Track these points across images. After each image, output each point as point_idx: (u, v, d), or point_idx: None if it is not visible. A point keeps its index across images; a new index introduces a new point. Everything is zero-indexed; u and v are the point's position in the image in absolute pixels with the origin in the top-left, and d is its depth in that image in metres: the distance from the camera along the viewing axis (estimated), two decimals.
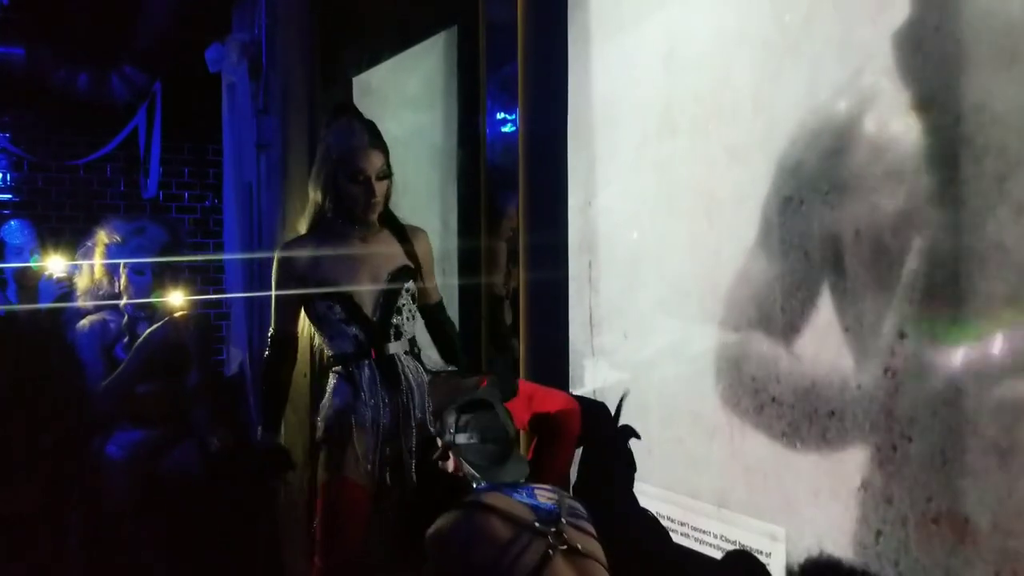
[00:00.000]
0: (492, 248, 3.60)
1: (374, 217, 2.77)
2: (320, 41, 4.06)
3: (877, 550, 1.76)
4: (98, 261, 3.69)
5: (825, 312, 1.86)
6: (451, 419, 2.33)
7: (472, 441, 2.30)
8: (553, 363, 2.78)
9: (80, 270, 3.78)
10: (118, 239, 3.73)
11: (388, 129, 3.09)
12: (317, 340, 2.87)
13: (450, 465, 2.31)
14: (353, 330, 2.70)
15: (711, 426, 2.18)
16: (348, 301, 2.69)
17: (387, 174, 2.75)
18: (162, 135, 5.22)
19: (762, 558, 2.04)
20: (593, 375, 2.68)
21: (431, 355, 2.94)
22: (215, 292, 5.36)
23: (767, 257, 2.01)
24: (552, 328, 2.78)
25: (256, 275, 4.28)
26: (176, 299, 3.74)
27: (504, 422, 2.32)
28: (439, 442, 2.33)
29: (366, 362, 2.69)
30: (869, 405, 1.76)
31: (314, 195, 2.77)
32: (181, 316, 3.73)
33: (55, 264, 3.78)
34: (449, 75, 4.00)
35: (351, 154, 2.69)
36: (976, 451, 1.56)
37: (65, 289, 3.77)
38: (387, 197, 2.80)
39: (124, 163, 5.42)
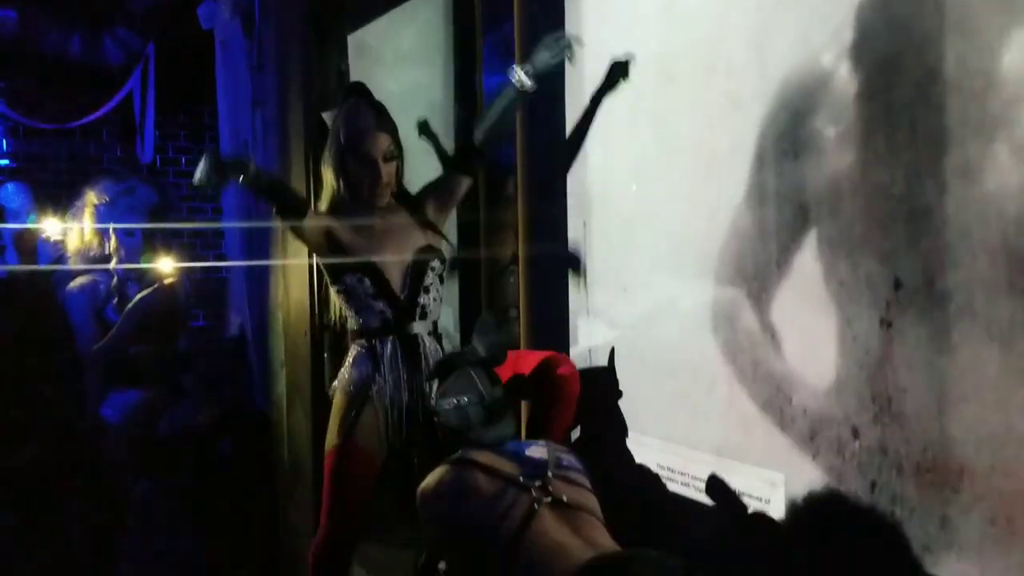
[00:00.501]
0: (492, 210, 3.58)
1: (384, 200, 2.75)
2: None
3: (873, 500, 1.76)
4: (88, 224, 3.67)
5: (820, 265, 1.84)
6: (433, 386, 2.35)
7: (451, 405, 2.31)
8: (554, 330, 2.77)
9: (69, 230, 3.77)
10: (107, 200, 3.71)
11: (384, 85, 3.07)
12: (333, 310, 2.87)
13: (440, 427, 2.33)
14: (380, 305, 2.69)
15: (709, 378, 2.17)
16: (378, 276, 2.68)
17: (395, 155, 2.73)
18: (157, 98, 5.18)
19: (761, 504, 2.04)
20: (588, 334, 2.67)
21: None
22: (215, 257, 5.35)
23: (762, 210, 1.99)
24: (552, 292, 2.77)
25: (255, 238, 4.27)
26: (166, 264, 3.73)
27: (482, 385, 2.32)
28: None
29: (390, 338, 2.69)
30: (865, 356, 1.74)
31: (328, 178, 2.76)
32: (171, 282, 3.72)
33: (51, 226, 3.76)
34: (446, 30, 3.96)
35: (358, 136, 2.68)
36: (972, 399, 1.55)
37: (61, 251, 3.75)
38: (398, 179, 2.79)
39: (120, 127, 5.38)
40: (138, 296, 3.69)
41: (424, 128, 2.87)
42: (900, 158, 1.66)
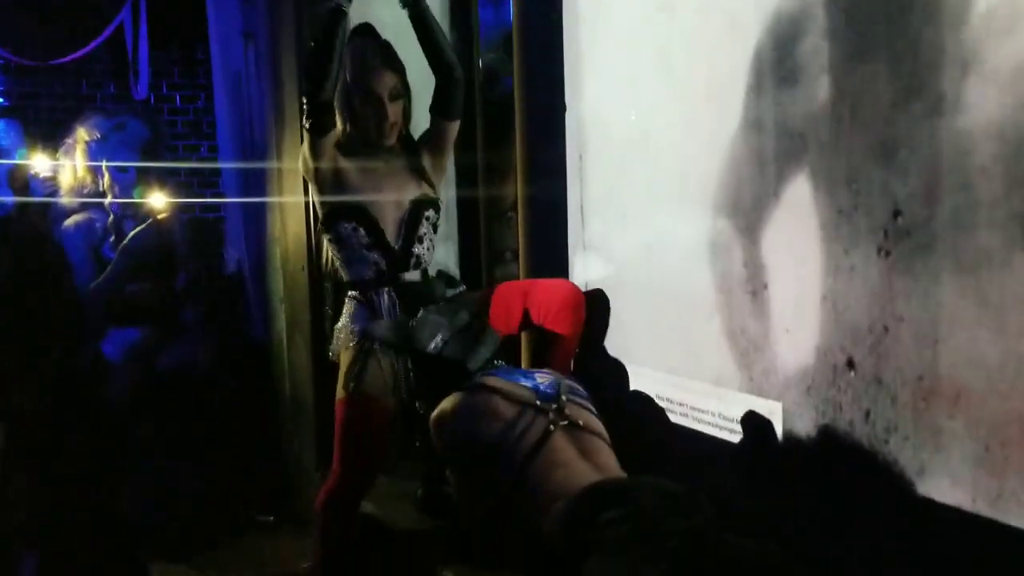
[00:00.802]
0: (491, 152, 3.56)
1: (392, 141, 2.73)
2: None
3: (867, 430, 1.77)
4: (81, 161, 3.64)
5: (818, 194, 1.83)
6: (424, 332, 2.39)
7: (444, 343, 2.35)
8: (553, 266, 2.77)
9: (62, 168, 3.74)
10: (98, 136, 3.68)
11: (379, 16, 3.01)
12: (325, 260, 2.86)
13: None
14: (374, 256, 2.68)
15: (707, 309, 2.18)
16: (373, 226, 2.66)
17: (401, 94, 2.70)
18: (149, 33, 5.10)
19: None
20: (585, 266, 2.67)
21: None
22: (212, 195, 5.32)
23: (760, 139, 1.97)
24: (551, 229, 2.77)
25: (251, 177, 4.24)
26: (159, 200, 3.70)
27: (439, 319, 2.37)
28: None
29: (385, 289, 2.69)
30: (862, 287, 1.74)
31: (336, 118, 2.70)
32: (164, 218, 3.70)
33: (40, 163, 3.72)
34: None
35: (363, 75, 2.64)
36: (970, 325, 1.55)
37: (52, 188, 3.72)
38: (405, 119, 2.76)
39: (112, 64, 5.31)
40: (132, 233, 3.68)
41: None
42: (896, 84, 1.64)
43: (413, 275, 2.72)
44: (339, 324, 2.75)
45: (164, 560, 3.41)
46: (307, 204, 3.48)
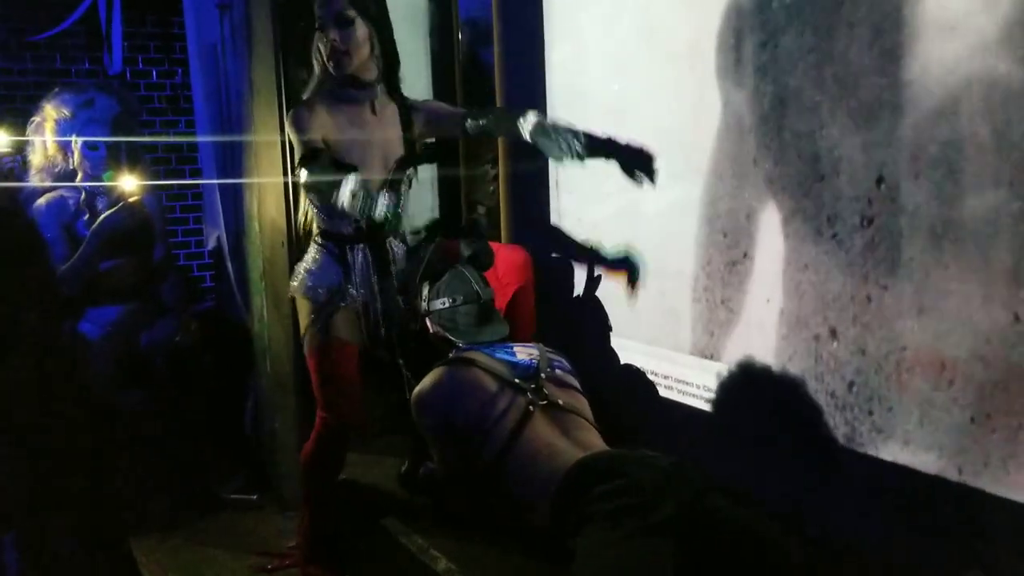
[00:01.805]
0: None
1: (357, 72, 2.57)
2: None
3: (850, 400, 1.75)
4: (50, 138, 3.56)
5: (801, 161, 1.80)
6: (424, 288, 2.33)
7: (446, 306, 2.30)
8: (534, 234, 2.74)
9: (32, 146, 3.65)
10: (67, 113, 3.59)
11: None
12: (301, 213, 2.79)
13: (430, 330, 2.32)
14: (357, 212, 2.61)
15: (691, 280, 2.15)
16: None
17: (349, 20, 2.52)
18: (124, 7, 5.01)
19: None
20: (569, 232, 2.64)
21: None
22: (191, 172, 5.26)
23: (741, 106, 1.94)
24: (533, 196, 2.73)
25: (228, 151, 4.18)
26: (130, 182, 3.63)
27: (476, 285, 2.32)
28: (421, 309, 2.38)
29: (360, 246, 2.63)
30: (844, 256, 1.71)
31: (314, 64, 2.62)
32: (136, 201, 3.64)
33: (3, 138, 3.63)
34: None
35: (317, 4, 2.54)
36: (955, 294, 1.52)
37: (10, 165, 3.62)
38: (372, 49, 2.59)
39: (86, 39, 5.21)
40: (103, 216, 3.61)
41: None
42: (876, 48, 1.61)
43: (394, 242, 2.68)
44: (303, 267, 2.68)
45: (144, 538, 3.37)
46: (285, 183, 3.43)
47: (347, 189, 2.28)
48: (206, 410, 3.94)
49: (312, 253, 2.69)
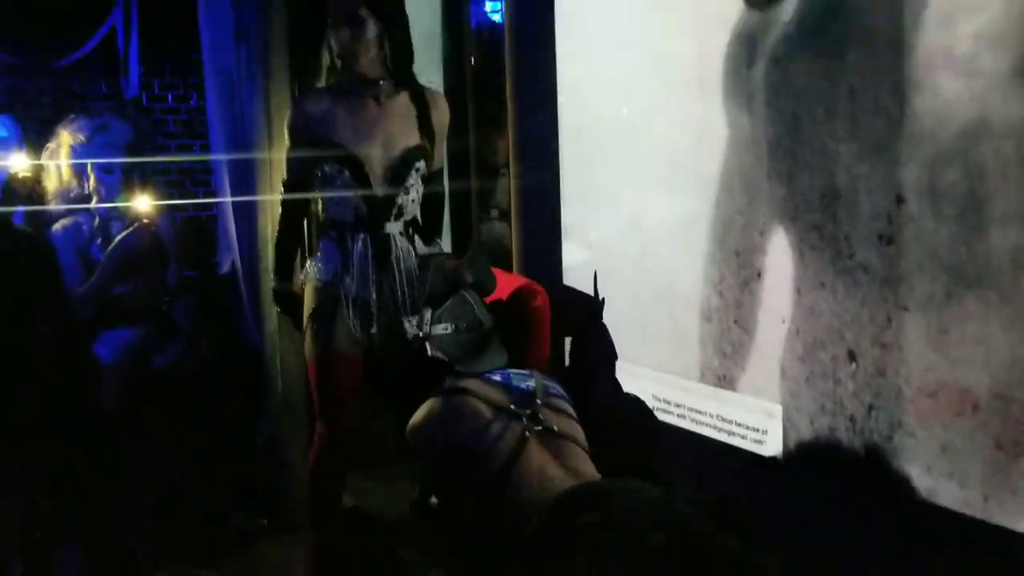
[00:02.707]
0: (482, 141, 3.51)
1: (364, 70, 2.55)
2: None
3: (869, 424, 1.70)
4: (65, 164, 3.59)
5: (817, 178, 1.76)
6: (427, 312, 2.30)
7: (447, 331, 2.27)
8: (545, 258, 2.73)
9: (47, 171, 3.68)
10: (82, 138, 3.61)
11: None
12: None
13: (428, 354, 2.30)
14: (356, 200, 2.58)
15: (703, 304, 2.12)
16: (359, 169, 2.56)
17: (362, 19, 2.51)
18: (140, 32, 5.05)
19: (758, 436, 1.99)
20: (580, 259, 2.62)
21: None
22: (205, 194, 5.27)
23: (752, 122, 1.91)
24: (544, 218, 2.71)
25: (243, 173, 4.18)
26: (145, 203, 3.64)
27: (479, 312, 2.29)
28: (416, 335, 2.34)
29: (361, 235, 2.60)
30: (863, 275, 1.67)
31: (323, 54, 2.65)
32: (148, 222, 3.65)
33: (18, 161, 3.65)
34: None
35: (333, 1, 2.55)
36: (978, 317, 1.48)
37: (28, 189, 3.64)
38: (380, 48, 2.56)
39: (105, 63, 5.26)
40: (117, 238, 3.62)
41: None
42: (895, 65, 1.58)
43: (394, 226, 2.63)
44: (310, 259, 2.70)
45: (154, 564, 3.35)
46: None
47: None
48: (217, 435, 3.92)
49: (320, 244, 2.70)
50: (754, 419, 2.01)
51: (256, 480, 3.89)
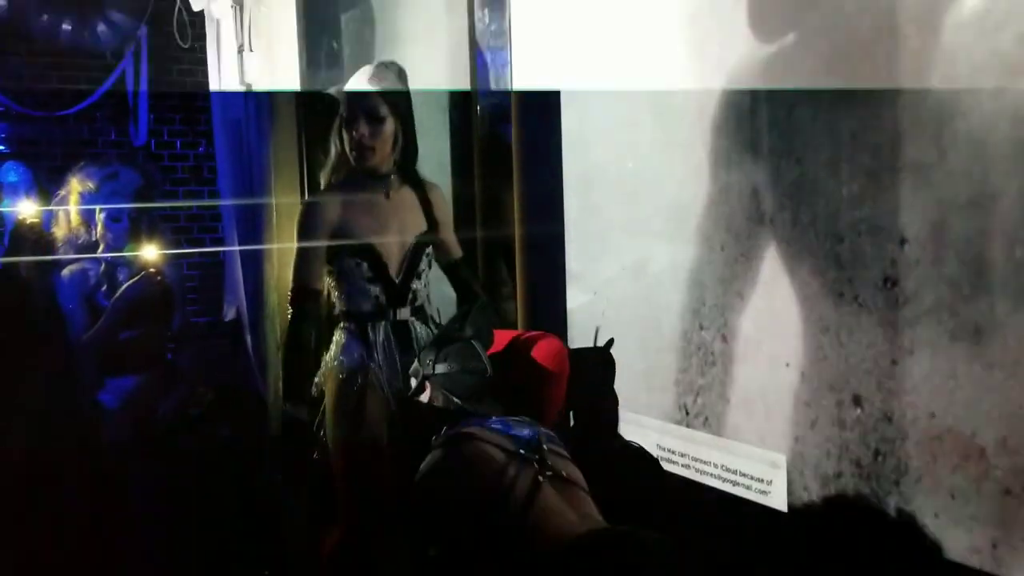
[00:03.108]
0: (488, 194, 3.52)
1: (384, 167, 2.61)
2: None
3: (876, 469, 1.67)
4: (74, 212, 3.62)
5: (819, 221, 1.76)
6: (430, 354, 2.28)
7: (452, 370, 2.23)
8: (551, 308, 2.71)
9: (56, 218, 3.71)
10: (91, 186, 3.64)
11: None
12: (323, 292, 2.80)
13: (425, 396, 2.24)
14: (376, 290, 2.59)
15: (707, 354, 2.10)
16: (377, 259, 2.58)
17: (382, 116, 2.56)
18: (150, 81, 5.13)
19: (763, 486, 1.97)
20: (585, 310, 2.61)
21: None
22: (212, 241, 5.30)
23: (755, 166, 1.91)
24: (550, 271, 2.71)
25: (250, 221, 4.21)
26: (152, 251, 3.67)
27: (484, 359, 2.25)
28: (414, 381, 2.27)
29: (382, 324, 2.60)
30: (867, 318, 1.66)
31: (332, 145, 2.64)
32: (155, 270, 3.67)
33: (27, 208, 3.68)
34: (445, 8, 3.89)
35: (347, 96, 2.57)
36: (984, 363, 1.47)
37: (36, 237, 3.66)
38: (395, 144, 2.62)
39: (114, 110, 5.33)
40: (124, 286, 3.64)
41: None
42: (899, 116, 1.58)
43: (408, 311, 2.64)
44: (328, 355, 2.65)
45: None
46: None
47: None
48: (218, 484, 3.89)
49: (336, 337, 2.67)
50: (759, 469, 1.98)
51: (257, 530, 3.86)
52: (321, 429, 2.66)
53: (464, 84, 3.61)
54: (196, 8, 4.29)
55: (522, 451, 2.05)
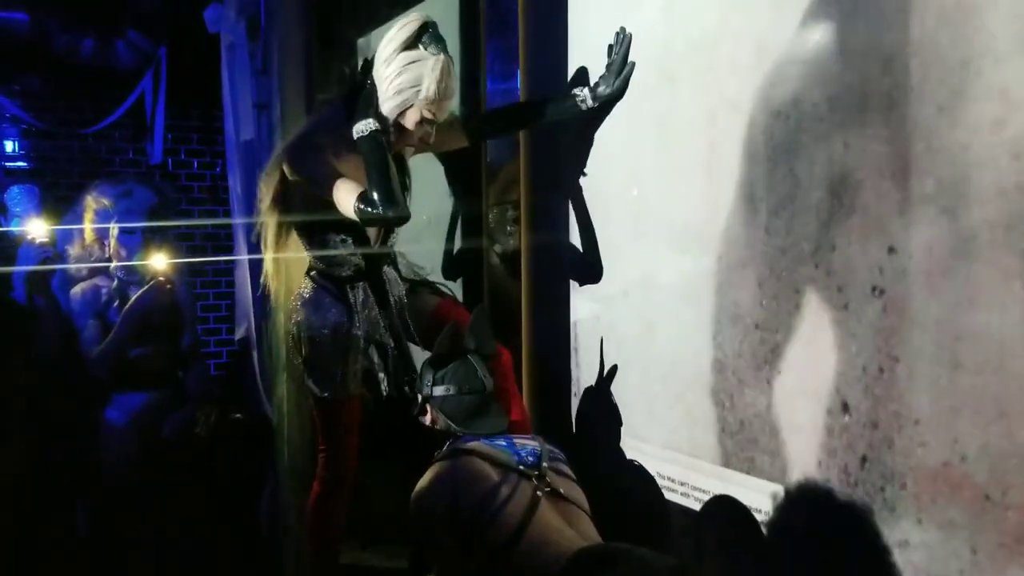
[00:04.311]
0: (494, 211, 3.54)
1: (403, 145, 2.54)
2: (319, 0, 4.01)
3: (862, 476, 1.68)
4: (88, 228, 3.68)
5: (812, 231, 1.78)
6: (428, 374, 2.29)
7: (450, 393, 2.24)
8: (556, 335, 2.75)
9: (69, 235, 3.77)
10: (106, 204, 3.71)
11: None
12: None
13: (427, 419, 2.28)
14: (355, 258, 2.59)
15: (709, 382, 2.11)
16: (361, 235, 2.55)
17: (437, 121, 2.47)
18: (168, 101, 5.21)
19: (761, 516, 1.96)
20: (587, 337, 2.63)
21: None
22: (226, 262, 5.35)
23: (753, 170, 1.94)
24: (554, 296, 2.75)
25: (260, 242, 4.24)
26: (161, 262, 3.71)
27: (482, 375, 2.26)
28: (419, 398, 2.30)
29: (361, 284, 2.60)
30: (856, 326, 1.68)
31: (372, 112, 2.40)
32: (165, 280, 3.71)
33: (36, 228, 3.70)
34: (453, 35, 3.94)
35: (432, 96, 2.35)
36: (970, 369, 1.48)
37: (48, 254, 3.68)
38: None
39: (132, 130, 5.41)
40: (134, 297, 3.69)
41: None
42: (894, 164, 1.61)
43: (387, 270, 2.67)
44: (298, 303, 2.63)
45: None
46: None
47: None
48: (221, 502, 3.90)
49: (308, 291, 2.63)
50: (758, 500, 1.98)
51: (259, 549, 3.86)
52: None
53: (474, 107, 3.66)
54: (212, 30, 4.35)
55: (521, 467, 2.06)
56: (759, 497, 1.96)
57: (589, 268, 2.58)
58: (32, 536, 3.49)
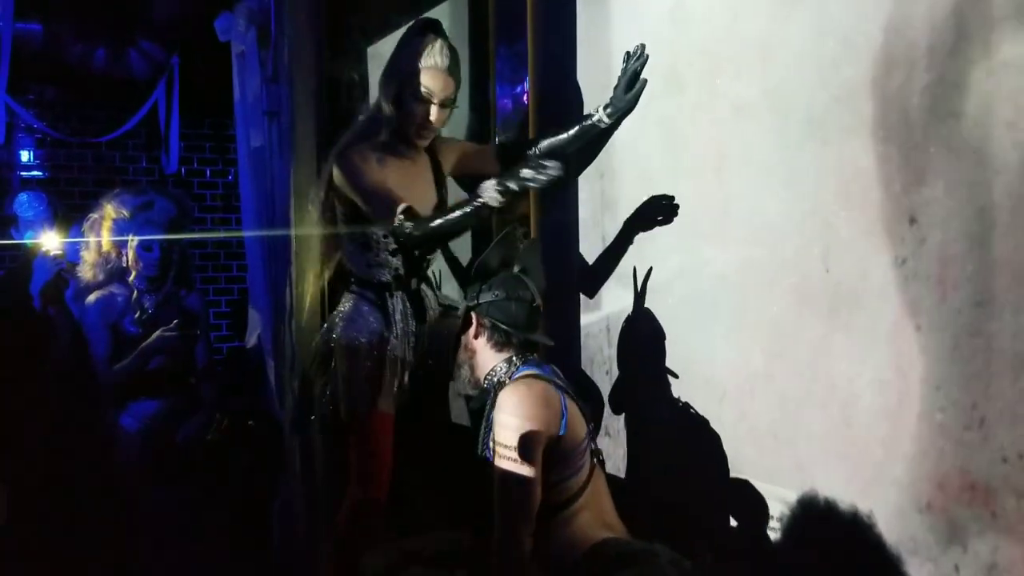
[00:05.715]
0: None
1: (425, 143, 2.64)
2: (329, 8, 4.01)
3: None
4: (105, 236, 3.68)
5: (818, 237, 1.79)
6: (476, 284, 2.22)
7: (498, 297, 2.16)
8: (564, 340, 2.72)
9: (84, 246, 3.77)
10: (125, 214, 3.71)
11: None
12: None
13: (471, 332, 2.20)
14: (396, 261, 2.62)
15: (720, 388, 2.11)
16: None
17: (452, 102, 2.59)
18: (182, 110, 5.22)
19: (772, 523, 1.97)
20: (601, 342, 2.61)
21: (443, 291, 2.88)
22: (238, 268, 5.37)
23: (782, 202, 1.93)
24: (563, 303, 2.75)
25: (274, 248, 4.26)
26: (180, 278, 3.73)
27: (532, 289, 2.20)
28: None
29: (400, 294, 2.63)
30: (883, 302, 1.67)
31: (382, 105, 2.58)
32: (181, 330, 3.74)
33: (51, 240, 3.71)
34: (460, 39, 3.93)
35: (429, 75, 2.51)
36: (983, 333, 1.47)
37: (63, 266, 3.70)
38: (441, 126, 2.66)
39: (145, 139, 5.43)
40: (155, 335, 3.70)
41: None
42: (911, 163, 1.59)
43: (425, 288, 2.70)
44: (339, 316, 2.65)
45: None
46: (322, 287, 3.47)
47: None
48: (233, 510, 3.92)
49: (349, 302, 2.67)
50: (771, 506, 1.99)
51: (271, 555, 3.88)
52: (325, 396, 2.68)
53: (483, 113, 3.66)
54: (223, 39, 4.36)
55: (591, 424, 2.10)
56: (772, 503, 1.97)
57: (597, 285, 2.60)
58: (48, 542, 3.53)
